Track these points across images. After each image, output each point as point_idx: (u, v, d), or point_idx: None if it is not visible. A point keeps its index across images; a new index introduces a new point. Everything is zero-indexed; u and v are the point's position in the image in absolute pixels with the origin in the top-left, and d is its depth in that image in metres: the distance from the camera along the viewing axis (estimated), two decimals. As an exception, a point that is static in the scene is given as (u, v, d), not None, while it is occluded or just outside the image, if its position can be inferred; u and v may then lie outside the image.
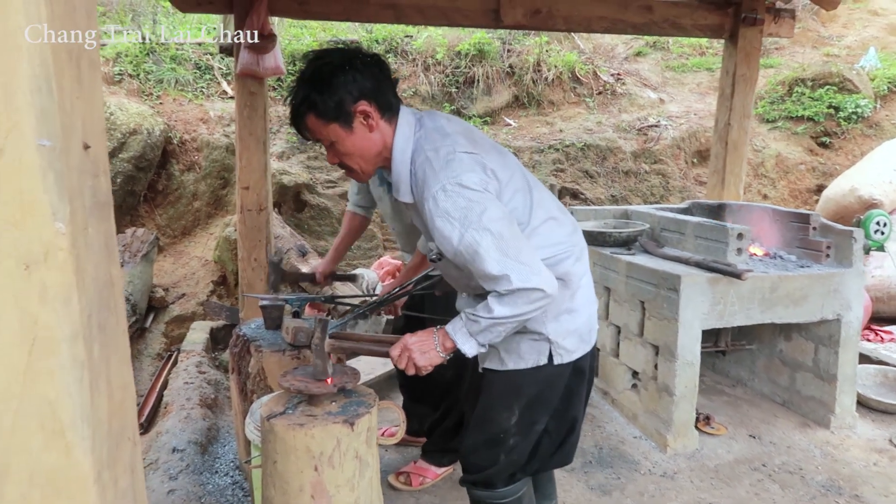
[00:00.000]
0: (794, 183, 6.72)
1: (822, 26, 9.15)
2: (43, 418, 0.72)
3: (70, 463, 0.73)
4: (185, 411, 3.43)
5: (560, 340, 1.87)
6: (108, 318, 0.81)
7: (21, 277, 0.69)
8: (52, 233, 0.69)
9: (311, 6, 4.19)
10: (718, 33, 4.67)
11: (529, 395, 1.91)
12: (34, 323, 0.70)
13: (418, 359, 1.79)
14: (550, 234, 1.84)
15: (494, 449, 1.97)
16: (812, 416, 3.63)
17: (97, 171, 0.79)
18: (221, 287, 5.40)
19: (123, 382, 0.85)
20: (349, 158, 1.76)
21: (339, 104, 1.67)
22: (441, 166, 1.66)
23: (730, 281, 3.25)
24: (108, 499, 0.77)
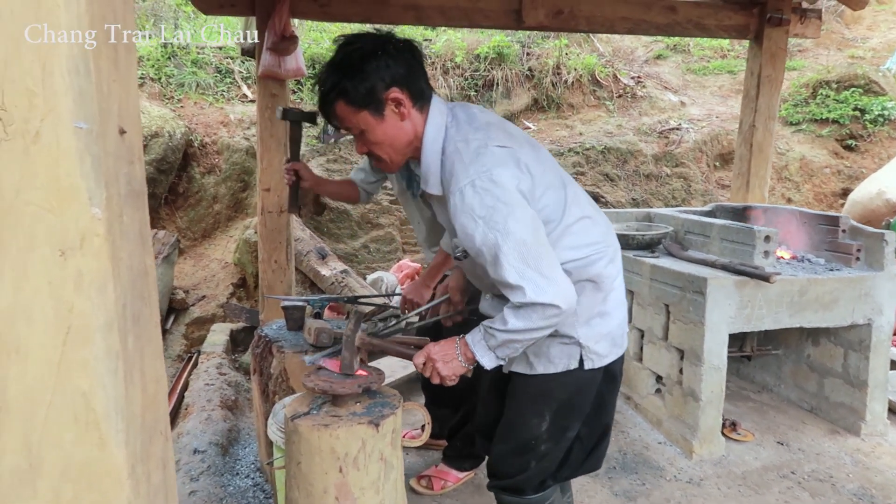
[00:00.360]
0: (819, 186, 6.62)
1: (846, 28, 9.02)
2: (77, 411, 0.70)
3: (104, 456, 0.71)
4: (206, 413, 3.42)
5: (591, 344, 1.81)
6: (142, 308, 0.79)
7: (56, 264, 0.67)
8: (88, 218, 0.67)
9: (332, 8, 4.19)
10: (743, 34, 4.61)
11: (560, 401, 1.86)
12: (69, 311, 0.68)
13: (442, 369, 1.76)
14: (585, 234, 1.78)
15: (525, 456, 1.92)
16: (842, 423, 3.54)
17: (132, 158, 0.77)
18: (241, 289, 5.41)
19: (156, 375, 0.83)
20: (379, 147, 1.70)
21: (370, 91, 1.61)
22: (471, 159, 1.60)
23: (757, 284, 3.18)
24: (142, 494, 0.75)
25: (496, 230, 1.55)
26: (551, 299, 1.58)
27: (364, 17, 4.22)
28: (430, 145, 1.69)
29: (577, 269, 1.76)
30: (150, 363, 0.81)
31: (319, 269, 4.96)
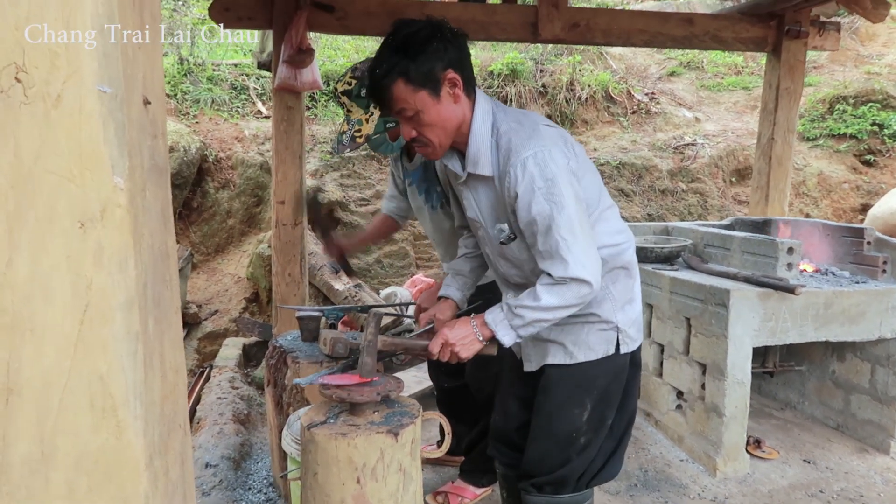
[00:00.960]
0: (838, 202, 6.53)
1: (860, 45, 8.98)
2: (93, 395, 0.65)
3: (120, 445, 0.66)
4: (219, 426, 3.37)
5: (627, 328, 1.88)
6: (163, 291, 0.75)
7: (76, 237, 0.63)
8: (110, 188, 0.63)
9: (349, 21, 4.20)
10: (761, 46, 4.57)
11: (601, 388, 1.89)
12: (88, 287, 0.64)
13: (461, 351, 1.79)
14: (616, 220, 1.90)
15: (567, 450, 1.92)
16: (870, 441, 3.44)
17: (156, 132, 0.74)
18: (254, 304, 5.38)
19: (176, 365, 0.79)
20: (430, 130, 1.72)
21: (430, 71, 1.65)
22: (528, 135, 1.68)
23: (781, 296, 3.11)
24: (160, 489, 0.70)
25: (552, 201, 1.63)
26: (589, 276, 1.66)
27: (381, 30, 4.21)
28: (479, 128, 1.74)
29: (613, 256, 1.85)
30: (170, 351, 0.77)
31: (333, 284, 4.92)
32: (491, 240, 1.87)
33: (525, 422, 2.04)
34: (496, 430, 2.16)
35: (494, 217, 1.81)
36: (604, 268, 1.82)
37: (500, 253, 1.88)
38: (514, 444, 2.08)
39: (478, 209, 1.85)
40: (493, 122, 1.75)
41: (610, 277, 1.86)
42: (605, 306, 1.85)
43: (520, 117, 1.76)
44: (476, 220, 1.89)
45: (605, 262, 1.81)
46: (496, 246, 1.87)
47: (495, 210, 1.80)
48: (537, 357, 1.94)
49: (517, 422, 2.06)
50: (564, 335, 1.87)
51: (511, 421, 2.09)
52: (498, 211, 1.79)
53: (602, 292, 1.85)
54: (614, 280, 1.87)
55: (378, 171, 6.16)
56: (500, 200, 1.77)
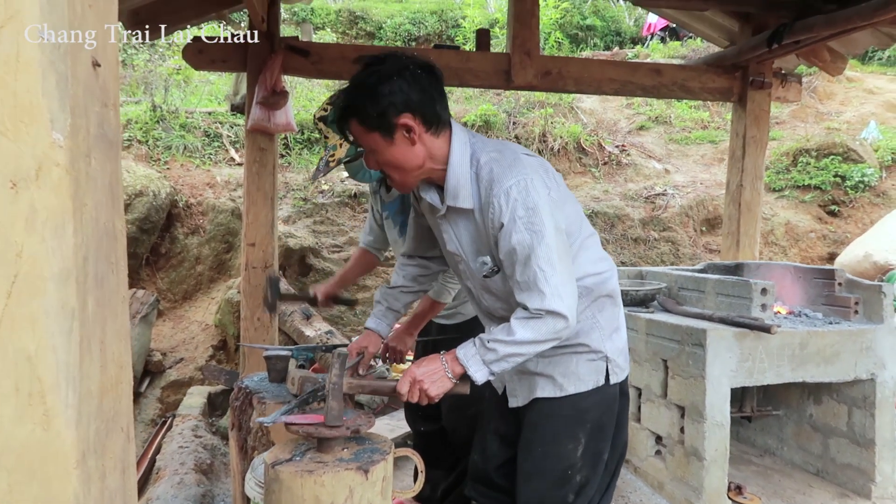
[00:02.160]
0: (806, 251, 6.64)
1: (819, 103, 9.34)
2: (19, 377, 0.57)
3: (48, 437, 0.58)
4: (179, 476, 3.19)
5: (616, 358, 1.84)
6: (107, 274, 0.68)
7: (5, 198, 0.57)
8: (47, 145, 0.57)
9: (323, 65, 4.22)
10: (727, 96, 4.70)
11: (594, 420, 1.82)
12: (17, 255, 0.57)
13: (430, 389, 1.70)
14: (597, 249, 1.86)
15: (563, 489, 1.82)
16: (850, 485, 3.37)
17: (107, 101, 0.68)
18: (221, 352, 5.22)
19: (121, 360, 0.71)
20: (389, 169, 1.71)
21: (381, 114, 1.60)
22: (509, 164, 1.65)
23: (757, 336, 3.09)
24: (93, 493, 0.62)
25: (533, 231, 1.59)
26: (565, 309, 1.61)
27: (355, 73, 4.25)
28: (457, 160, 1.70)
29: (597, 284, 1.81)
30: (114, 342, 0.69)
31: (303, 330, 4.80)
32: (473, 273, 1.82)
33: (506, 460, 1.96)
34: (475, 470, 2.06)
35: (476, 250, 1.77)
36: (589, 297, 1.79)
37: (484, 286, 1.83)
38: (494, 484, 1.99)
39: (458, 242, 1.80)
40: (471, 153, 1.71)
41: (596, 306, 1.82)
42: (593, 336, 1.81)
43: (499, 147, 1.73)
44: (457, 254, 1.83)
45: (590, 290, 1.79)
46: (479, 280, 1.82)
47: (476, 243, 1.76)
48: (524, 392, 1.87)
49: (497, 460, 1.98)
50: (553, 367, 1.81)
51: (491, 460, 2.00)
52: (479, 243, 1.75)
53: (590, 321, 1.81)
54: (601, 308, 1.83)
55: (351, 217, 6.12)
56: (480, 233, 1.73)
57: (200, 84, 8.32)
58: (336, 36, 11.05)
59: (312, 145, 7.25)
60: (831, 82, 9.54)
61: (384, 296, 2.13)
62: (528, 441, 1.86)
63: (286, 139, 7.09)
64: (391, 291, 2.12)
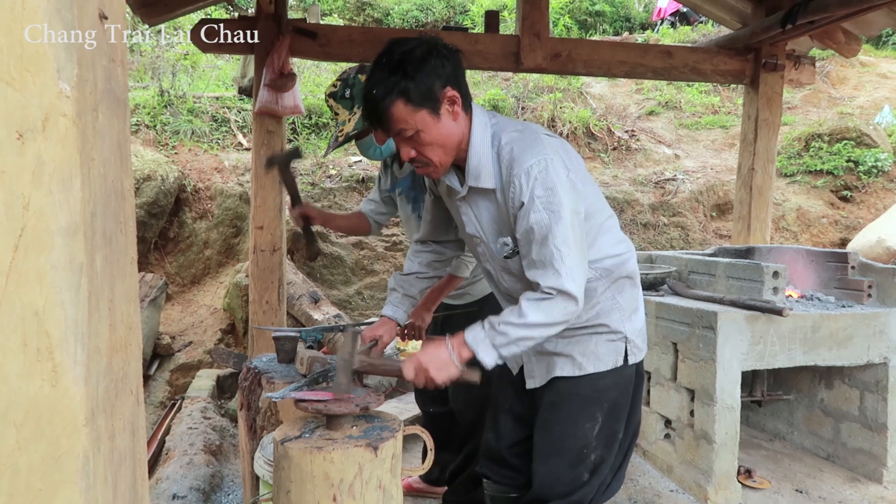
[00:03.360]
0: (817, 236, 6.58)
1: (832, 88, 9.22)
2: (27, 333, 0.56)
3: (56, 393, 0.56)
4: (188, 457, 3.20)
5: (634, 338, 1.84)
6: (116, 233, 0.66)
7: (11, 149, 0.55)
8: (54, 94, 0.56)
9: (331, 48, 4.19)
10: (739, 79, 4.64)
11: (611, 400, 1.83)
12: (24, 208, 0.56)
13: (436, 375, 1.69)
14: (617, 231, 1.85)
15: (578, 468, 1.82)
16: (861, 469, 3.35)
17: (114, 56, 0.66)
18: (230, 335, 5.23)
19: (130, 321, 0.70)
20: (431, 149, 1.66)
21: (429, 89, 1.60)
22: (531, 143, 1.65)
23: (769, 319, 3.06)
24: (103, 452, 0.61)
25: (551, 210, 1.60)
26: (577, 292, 1.62)
27: (363, 56, 4.22)
28: (479, 141, 1.70)
29: (616, 266, 1.81)
30: (123, 303, 0.68)
31: (312, 314, 4.79)
32: (493, 255, 1.81)
33: (519, 440, 1.97)
34: (487, 449, 2.07)
35: (497, 231, 1.76)
36: (609, 278, 1.80)
37: (504, 267, 1.82)
38: (507, 463, 2.00)
39: (478, 224, 1.79)
40: (492, 133, 1.71)
41: (616, 287, 1.82)
42: (613, 316, 1.81)
43: (520, 127, 1.73)
44: (476, 236, 1.82)
45: (609, 272, 1.79)
46: (499, 261, 1.81)
47: (497, 224, 1.75)
48: (542, 372, 1.87)
49: (511, 440, 1.99)
50: (572, 347, 1.81)
51: (504, 439, 2.00)
52: (500, 224, 1.74)
53: (609, 302, 1.81)
54: (620, 290, 1.83)
55: (359, 201, 6.11)
56: (502, 213, 1.72)
57: (208, 69, 8.29)
58: (343, 22, 10.98)
59: (320, 130, 7.22)
60: (844, 67, 9.42)
61: (399, 283, 2.10)
62: (546, 420, 1.86)
63: (294, 124, 7.07)
64: (406, 278, 2.10)
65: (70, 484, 0.56)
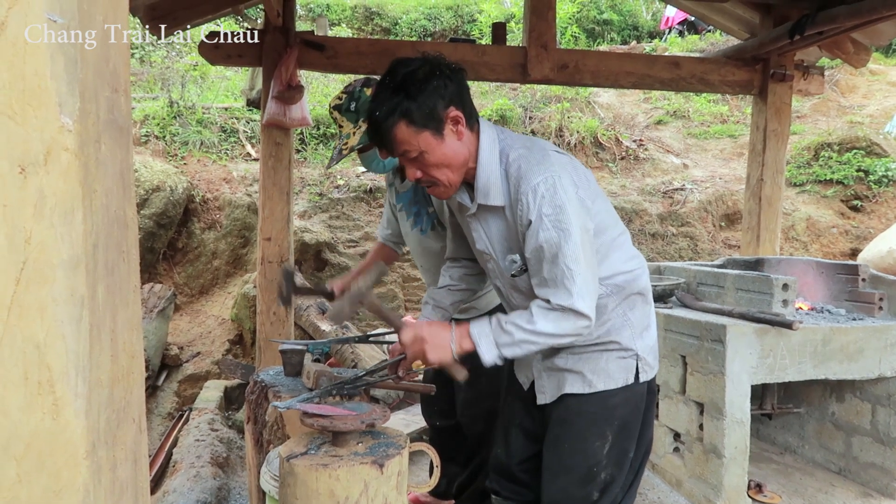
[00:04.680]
0: (827, 246, 6.53)
1: (842, 97, 9.18)
2: (27, 366, 0.56)
3: (57, 427, 0.56)
4: (195, 469, 3.20)
5: (646, 356, 1.83)
6: (118, 263, 0.66)
7: (14, 183, 0.55)
8: (56, 129, 0.56)
9: (338, 60, 4.22)
10: (747, 89, 4.63)
11: (621, 418, 1.81)
12: (26, 242, 0.56)
13: (430, 352, 1.69)
14: (629, 247, 1.84)
15: (587, 487, 1.80)
16: (873, 485, 3.31)
17: (117, 86, 0.67)
18: (238, 346, 5.24)
19: (132, 350, 0.70)
20: (437, 170, 1.66)
21: (432, 110, 1.59)
22: (539, 160, 1.64)
23: (779, 332, 3.04)
24: (104, 484, 0.60)
25: (560, 229, 1.58)
26: (589, 311, 1.61)
27: (370, 69, 4.24)
28: (486, 157, 1.69)
29: (628, 282, 1.79)
30: (125, 332, 0.68)
31: (319, 325, 4.80)
32: (502, 272, 1.81)
33: (529, 456, 1.96)
34: (497, 464, 2.05)
35: (506, 248, 1.76)
36: (620, 294, 1.78)
37: (513, 285, 1.81)
38: (516, 479, 1.99)
39: (488, 241, 1.79)
40: (500, 149, 1.70)
41: (627, 304, 1.80)
42: (624, 333, 1.79)
43: (528, 143, 1.72)
44: (486, 253, 1.82)
45: (621, 288, 1.78)
46: (507, 279, 1.80)
47: (507, 241, 1.75)
48: (552, 388, 1.85)
49: (521, 456, 1.98)
50: (582, 363, 1.79)
51: (514, 455, 1.99)
52: (510, 241, 1.74)
53: (620, 319, 1.79)
54: (632, 306, 1.81)
55: (367, 212, 6.12)
56: (511, 230, 1.71)
57: (217, 80, 8.35)
58: (352, 31, 11.05)
59: (328, 140, 7.25)
60: (854, 75, 9.37)
61: (431, 295, 2.11)
62: (556, 437, 1.84)
63: (302, 134, 7.10)
64: (438, 291, 2.10)
65: (71, 518, 0.56)
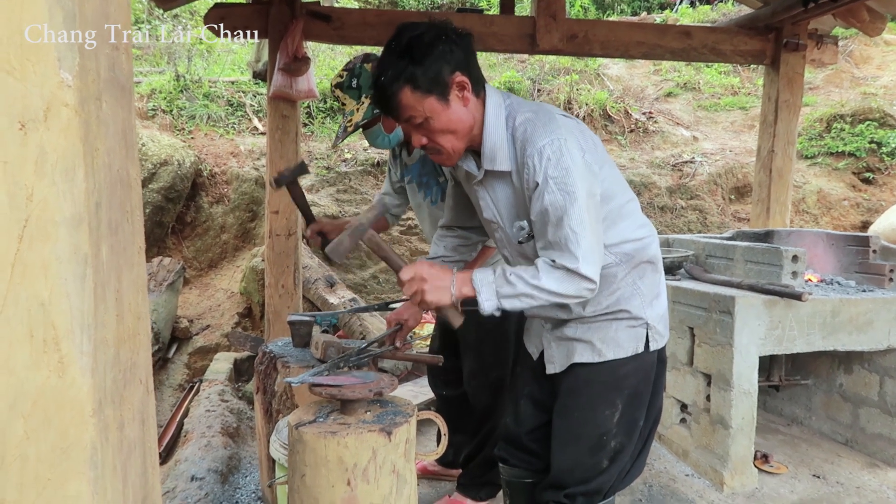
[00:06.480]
0: (838, 219, 6.48)
1: (855, 68, 9.02)
2: (32, 324, 0.56)
3: (63, 384, 0.57)
4: (206, 439, 3.24)
5: (656, 324, 1.81)
6: (122, 223, 0.66)
7: (14, 139, 0.55)
8: (56, 84, 0.55)
9: (345, 31, 4.17)
10: (759, 59, 4.55)
11: (631, 387, 1.81)
12: (27, 199, 0.56)
13: (428, 293, 1.66)
14: (638, 215, 1.81)
15: (597, 455, 1.82)
16: (880, 455, 3.32)
17: (119, 45, 0.66)
18: (247, 319, 5.27)
19: (137, 312, 0.69)
20: (442, 136, 1.65)
21: (437, 75, 1.58)
22: (545, 123, 1.62)
23: (787, 304, 3.02)
24: (111, 442, 0.61)
25: (566, 192, 1.56)
26: (593, 274, 1.59)
27: (377, 40, 4.19)
28: (493, 123, 1.67)
29: (638, 250, 1.77)
30: (131, 293, 0.68)
31: (327, 298, 4.82)
32: (510, 240, 1.79)
33: (538, 425, 1.97)
34: (507, 433, 2.07)
35: (514, 215, 1.74)
36: (629, 263, 1.77)
37: (520, 252, 1.79)
38: (525, 448, 2.00)
39: (495, 208, 1.77)
40: (506, 114, 1.68)
41: (637, 272, 1.78)
42: (634, 302, 1.77)
43: (534, 108, 1.69)
44: (494, 221, 1.80)
45: (630, 256, 1.76)
46: (515, 246, 1.79)
47: (515, 207, 1.73)
48: (562, 358, 1.85)
49: (530, 425, 1.99)
50: (592, 333, 1.78)
51: (524, 424, 2.00)
52: (518, 208, 1.72)
53: (630, 288, 1.78)
54: (641, 275, 1.79)
55: (374, 185, 6.10)
56: (518, 196, 1.70)
57: (223, 54, 8.29)
58: (359, 2, 10.91)
59: (335, 114, 7.21)
60: (868, 46, 9.20)
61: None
62: (565, 407, 1.85)
63: (309, 108, 7.06)
64: (432, 262, 2.09)
65: (78, 474, 0.56)
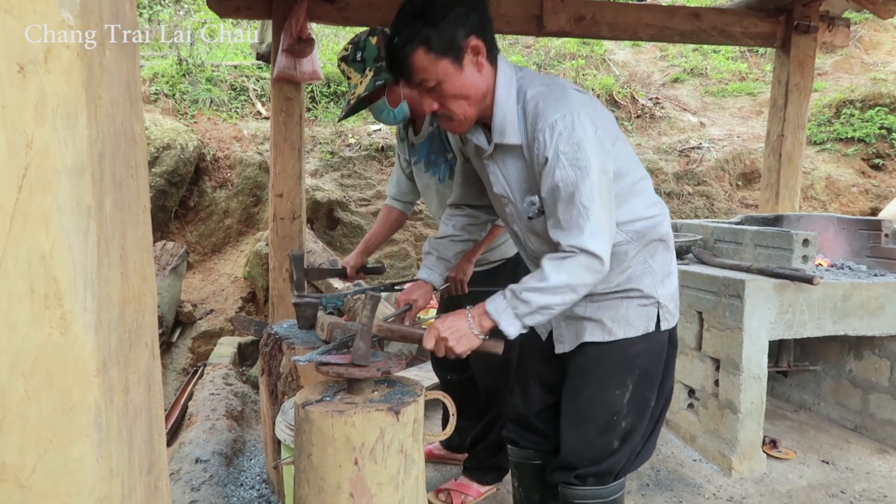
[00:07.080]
0: (847, 206, 6.42)
1: (865, 53, 8.93)
2: (33, 278, 0.53)
3: (66, 342, 0.54)
4: (211, 422, 3.23)
5: (667, 303, 1.79)
6: (126, 178, 0.63)
7: (12, 83, 0.52)
8: (56, 24, 0.52)
9: (350, 12, 4.12)
10: (770, 41, 4.49)
11: (642, 367, 1.78)
12: (27, 146, 0.52)
13: (456, 346, 1.65)
14: (650, 192, 1.78)
15: (608, 435, 1.79)
16: (890, 441, 3.29)
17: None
18: (250, 304, 5.25)
19: (143, 272, 0.66)
20: (454, 102, 1.61)
21: (452, 38, 1.54)
22: (557, 97, 1.58)
23: (798, 288, 2.99)
24: (116, 405, 0.58)
25: (577, 167, 1.54)
26: (601, 251, 1.56)
27: (382, 21, 4.13)
28: (503, 95, 1.63)
29: (649, 228, 1.74)
30: (135, 252, 0.65)
31: (331, 282, 4.79)
32: (520, 215, 1.76)
33: (547, 406, 1.95)
34: (515, 414, 2.04)
35: (525, 190, 1.70)
36: (640, 241, 1.73)
37: (530, 228, 1.76)
38: (534, 428, 1.98)
39: (506, 183, 1.74)
40: (518, 87, 1.64)
41: (648, 251, 1.75)
42: (645, 280, 1.75)
43: (547, 81, 1.65)
44: (504, 196, 1.76)
45: (641, 234, 1.73)
46: (525, 222, 1.76)
47: (526, 182, 1.69)
48: (571, 337, 1.83)
49: (539, 406, 1.97)
50: (602, 311, 1.76)
51: (532, 405, 1.98)
52: (528, 182, 1.69)
53: (641, 266, 1.75)
54: (653, 253, 1.76)
55: (379, 171, 6.06)
56: (529, 171, 1.66)
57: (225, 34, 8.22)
58: (362, -12, 10.82)
59: (339, 99, 7.16)
60: (878, 31, 9.10)
61: (433, 246, 2.06)
62: (575, 387, 1.82)
63: (313, 92, 7.01)
64: (440, 241, 2.05)
65: (82, 436, 0.54)
